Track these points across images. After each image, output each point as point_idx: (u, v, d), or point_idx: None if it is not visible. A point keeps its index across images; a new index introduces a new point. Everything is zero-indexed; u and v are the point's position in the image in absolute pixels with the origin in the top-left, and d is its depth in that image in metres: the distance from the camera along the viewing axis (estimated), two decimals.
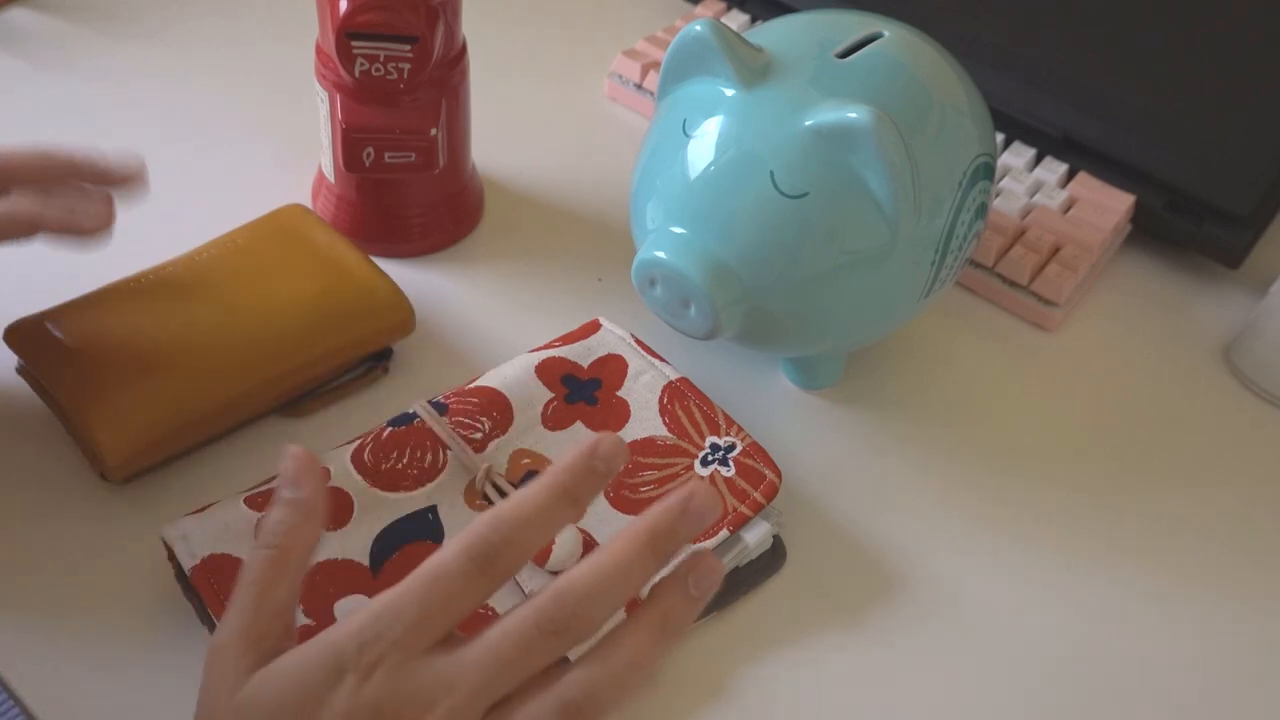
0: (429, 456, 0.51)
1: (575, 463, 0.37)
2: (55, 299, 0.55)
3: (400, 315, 0.57)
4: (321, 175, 0.64)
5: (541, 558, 0.47)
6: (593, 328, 0.57)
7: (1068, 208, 0.68)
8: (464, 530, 0.37)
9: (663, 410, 0.54)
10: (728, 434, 0.53)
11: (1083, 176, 0.69)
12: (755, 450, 0.52)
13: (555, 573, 0.47)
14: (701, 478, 0.51)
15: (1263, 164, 0.66)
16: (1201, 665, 0.50)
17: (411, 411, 0.52)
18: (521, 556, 0.37)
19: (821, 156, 0.48)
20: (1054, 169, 0.69)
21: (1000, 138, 0.71)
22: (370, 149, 0.57)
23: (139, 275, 0.56)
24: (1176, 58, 0.71)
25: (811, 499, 0.55)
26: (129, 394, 0.51)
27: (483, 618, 0.42)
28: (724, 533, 0.50)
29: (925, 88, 0.51)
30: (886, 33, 0.52)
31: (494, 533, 0.36)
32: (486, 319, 0.61)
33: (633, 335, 0.57)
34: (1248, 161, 0.66)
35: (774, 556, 0.51)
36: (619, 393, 0.54)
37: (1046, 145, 0.70)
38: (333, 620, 0.46)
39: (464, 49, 0.61)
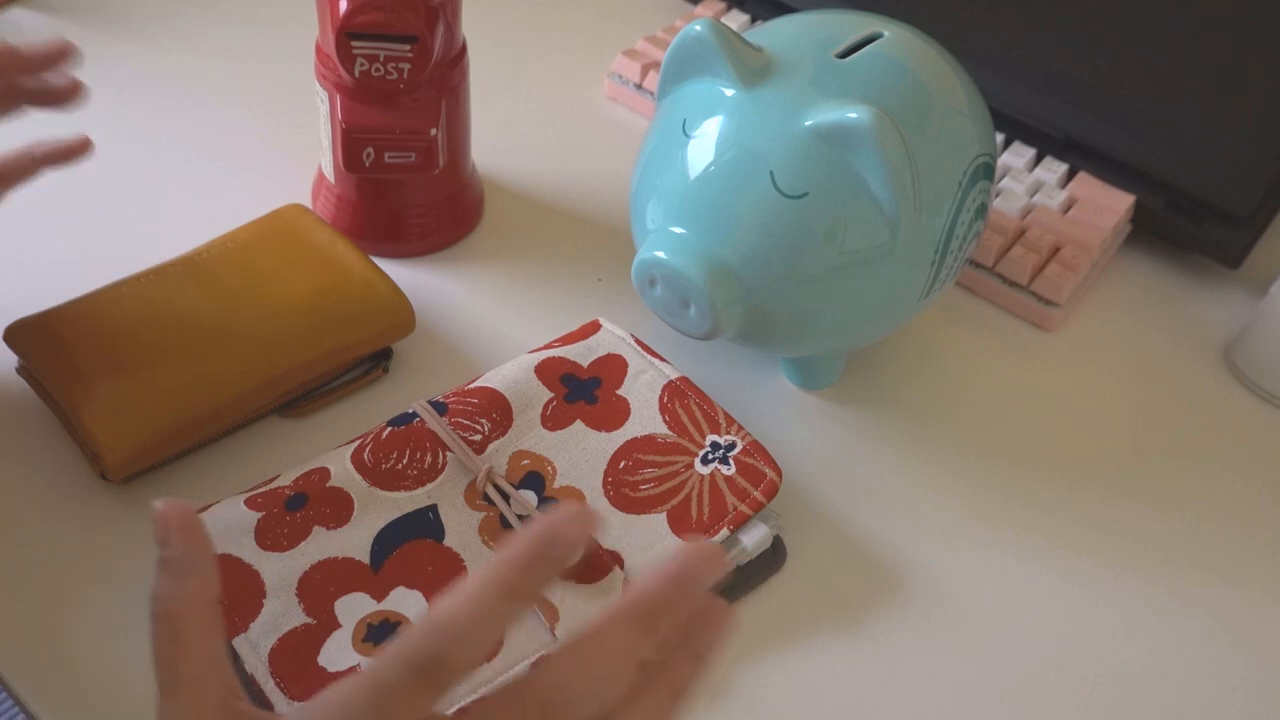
0: (428, 458, 0.51)
1: (523, 553, 0.32)
2: (55, 299, 0.55)
3: (400, 315, 0.57)
4: (321, 175, 0.64)
5: None
6: (593, 328, 0.57)
7: (1068, 208, 0.68)
8: (402, 635, 0.32)
9: (663, 408, 0.54)
10: (728, 432, 0.53)
11: (1083, 176, 0.69)
12: (756, 449, 0.52)
13: None
14: (702, 476, 0.51)
15: (1263, 164, 0.66)
16: (1201, 664, 0.50)
17: (411, 411, 0.52)
18: (462, 665, 0.32)
19: (821, 156, 0.48)
20: (1054, 169, 0.69)
21: (1000, 138, 0.71)
22: (370, 149, 0.57)
23: (139, 275, 0.56)
24: (1176, 58, 0.71)
25: (811, 499, 0.55)
26: (129, 394, 0.51)
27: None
28: (724, 532, 0.50)
29: (925, 88, 0.51)
30: (886, 33, 0.52)
31: (431, 642, 0.32)
32: (486, 319, 0.61)
33: (633, 335, 0.57)
34: (1248, 161, 0.66)
35: (774, 556, 0.51)
36: (619, 391, 0.54)
37: (1046, 145, 0.70)
38: (334, 618, 0.46)
39: (464, 49, 0.61)
